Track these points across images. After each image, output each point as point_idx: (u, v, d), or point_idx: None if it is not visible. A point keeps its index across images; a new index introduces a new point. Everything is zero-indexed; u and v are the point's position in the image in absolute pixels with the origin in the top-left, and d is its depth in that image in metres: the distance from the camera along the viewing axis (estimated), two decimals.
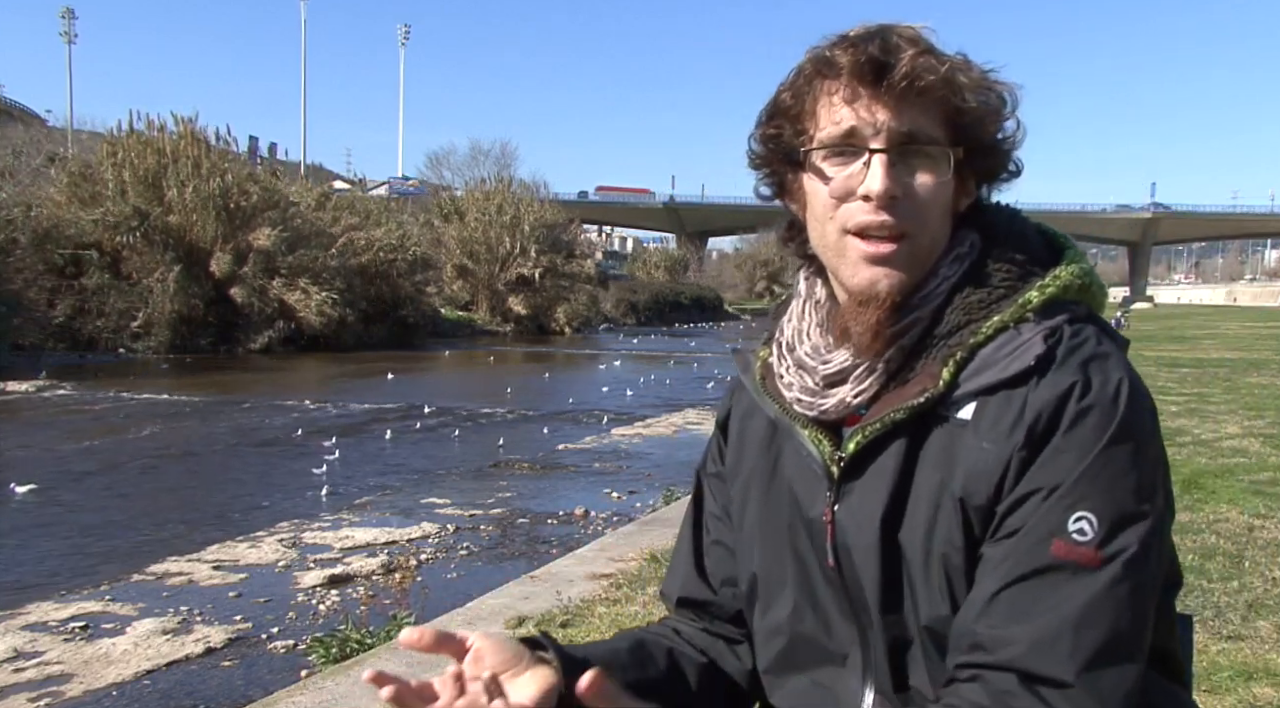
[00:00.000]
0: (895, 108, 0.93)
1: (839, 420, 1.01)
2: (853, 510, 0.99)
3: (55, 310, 24.61)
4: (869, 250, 0.95)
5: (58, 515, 8.95)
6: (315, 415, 15.62)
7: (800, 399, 1.03)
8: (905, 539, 0.96)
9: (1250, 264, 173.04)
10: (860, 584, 0.98)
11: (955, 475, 0.93)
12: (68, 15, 70.86)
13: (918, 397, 0.95)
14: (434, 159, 63.24)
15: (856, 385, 0.99)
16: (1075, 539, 0.87)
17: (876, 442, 0.97)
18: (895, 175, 0.94)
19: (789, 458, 1.06)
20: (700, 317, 57.28)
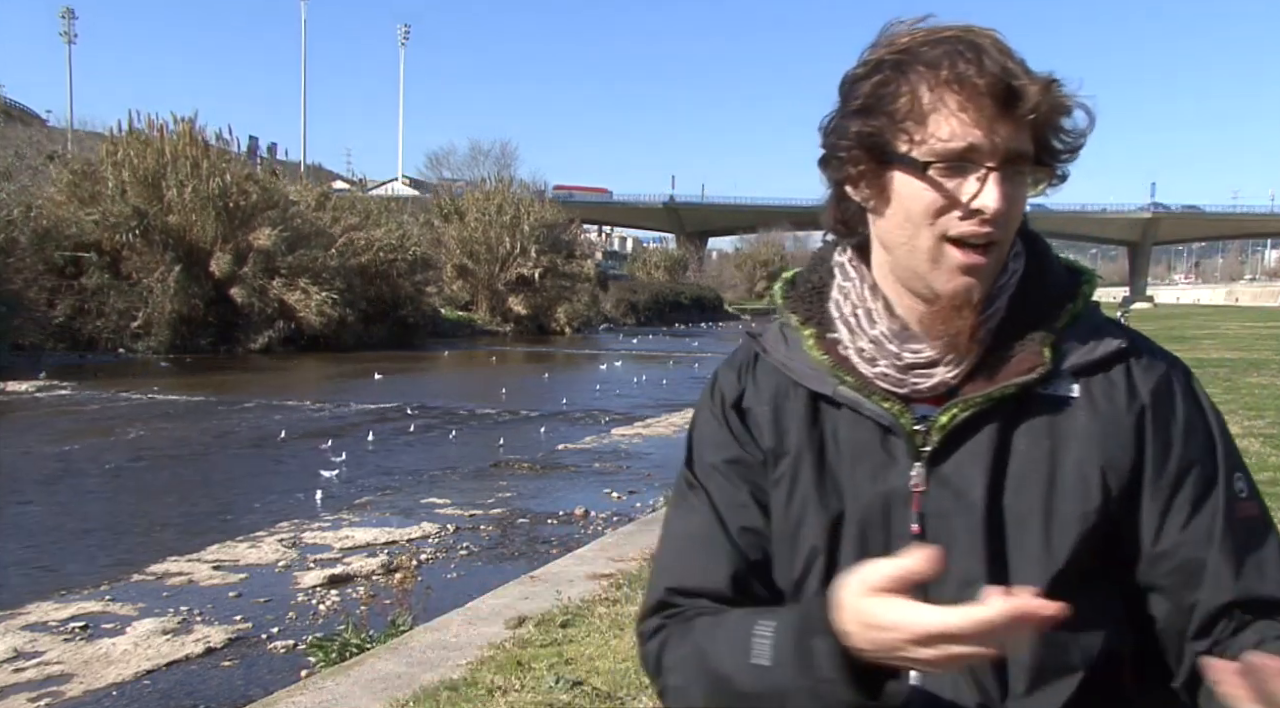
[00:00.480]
0: (1014, 130, 0.98)
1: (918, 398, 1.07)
2: (947, 479, 1.04)
3: (55, 310, 24.60)
4: (966, 261, 1.01)
5: (58, 515, 8.95)
6: (315, 415, 15.63)
7: (887, 374, 1.06)
8: (1012, 505, 1.02)
9: (1250, 264, 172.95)
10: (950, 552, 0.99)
11: (1075, 447, 1.03)
12: (68, 15, 70.82)
13: (1028, 373, 1.03)
14: (434, 159, 63.20)
15: (954, 367, 1.05)
16: (1242, 498, 1.05)
17: (975, 415, 1.04)
18: (1006, 191, 0.99)
19: (842, 434, 1.09)
20: (700, 317, 57.27)
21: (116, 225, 26.16)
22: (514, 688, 3.70)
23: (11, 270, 22.50)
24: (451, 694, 3.67)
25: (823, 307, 1.13)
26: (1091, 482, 1.02)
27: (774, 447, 1.11)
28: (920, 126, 0.98)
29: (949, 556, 0.99)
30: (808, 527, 1.08)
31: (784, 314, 1.17)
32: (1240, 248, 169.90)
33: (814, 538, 1.08)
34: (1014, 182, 1.00)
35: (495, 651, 4.18)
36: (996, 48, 0.99)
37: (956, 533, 1.02)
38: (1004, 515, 1.02)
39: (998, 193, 0.97)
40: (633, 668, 3.87)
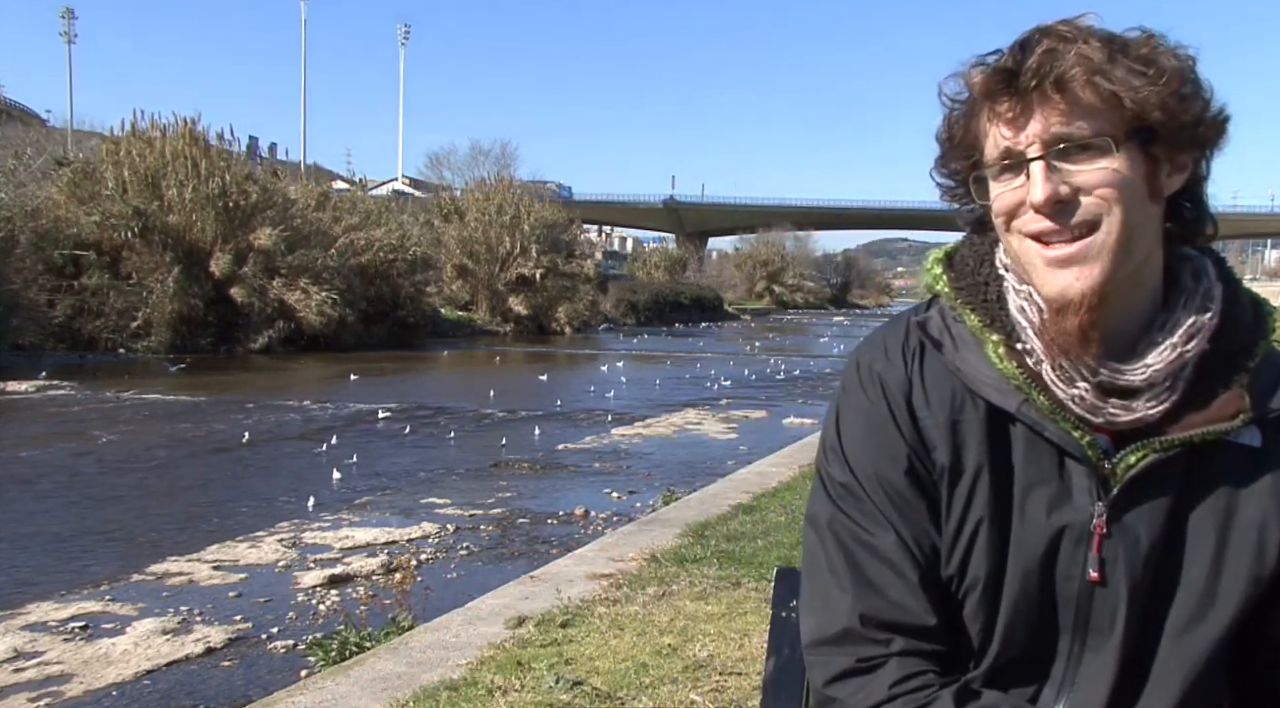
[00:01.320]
0: (1039, 112, 0.93)
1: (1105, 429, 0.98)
2: (1124, 525, 0.97)
3: (55, 310, 24.57)
4: (1050, 255, 0.94)
5: (58, 515, 8.95)
6: (315, 415, 15.62)
7: (1083, 399, 0.96)
8: (1185, 562, 0.97)
9: (1250, 264, 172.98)
10: (1118, 599, 0.97)
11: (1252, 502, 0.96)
12: (68, 15, 70.78)
13: (1231, 419, 0.95)
14: (434, 159, 63.07)
15: (1157, 402, 0.96)
16: None
17: (1165, 458, 0.96)
18: (1057, 178, 0.93)
19: (1019, 455, 1.00)
20: (700, 317, 57.19)
21: (116, 225, 26.14)
22: (514, 688, 3.70)
23: (12, 270, 22.48)
24: (451, 694, 3.67)
25: (1004, 310, 1.02)
26: (1269, 543, 0.96)
27: (951, 464, 1.01)
28: (979, 147, 0.98)
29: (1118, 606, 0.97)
30: (976, 558, 1.00)
31: (955, 308, 1.05)
32: (1240, 248, 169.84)
33: (979, 570, 1.00)
34: (1076, 162, 0.92)
35: (495, 651, 4.18)
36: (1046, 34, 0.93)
37: (1132, 585, 0.97)
38: (1177, 570, 0.97)
39: (1041, 182, 0.93)
40: (633, 668, 3.87)
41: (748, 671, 3.81)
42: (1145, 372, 0.96)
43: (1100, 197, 0.92)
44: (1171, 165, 0.95)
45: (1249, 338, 0.98)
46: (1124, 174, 0.92)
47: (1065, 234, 0.93)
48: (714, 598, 4.85)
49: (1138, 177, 0.93)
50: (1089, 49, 0.91)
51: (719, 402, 18.20)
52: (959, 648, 1.02)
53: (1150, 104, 0.91)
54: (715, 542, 5.98)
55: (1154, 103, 0.91)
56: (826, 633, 1.02)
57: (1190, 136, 0.94)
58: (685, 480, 10.25)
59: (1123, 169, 0.92)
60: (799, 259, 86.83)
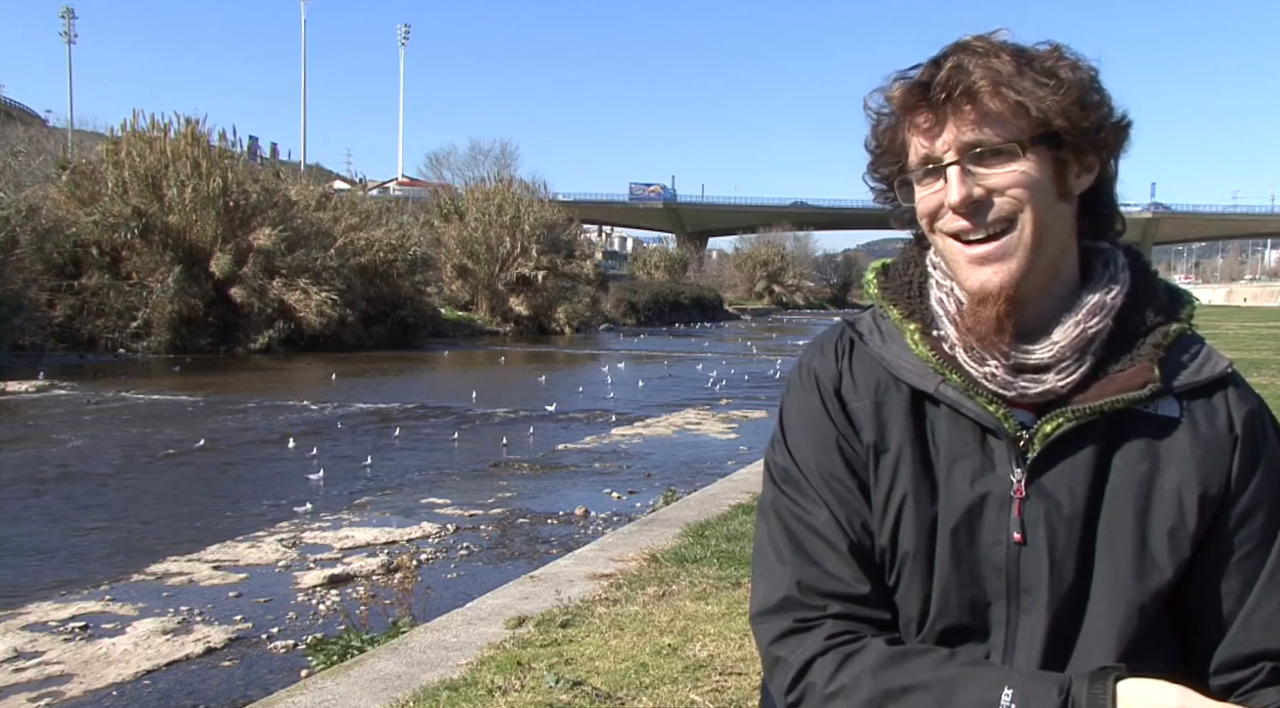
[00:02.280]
0: (952, 121, 1.01)
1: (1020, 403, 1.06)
2: (1046, 488, 1.03)
3: (55, 310, 24.58)
4: (971, 253, 1.03)
5: (58, 515, 8.95)
6: (315, 415, 15.62)
7: (995, 376, 1.05)
8: (1106, 522, 1.03)
9: (1250, 264, 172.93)
10: (1042, 561, 1.03)
11: (1174, 468, 1.03)
12: (68, 15, 70.87)
13: (1139, 389, 1.03)
14: (434, 159, 63.12)
15: (1065, 375, 1.04)
16: None
17: (1077, 427, 1.03)
18: (971, 182, 1.01)
19: (940, 432, 1.08)
20: (700, 317, 57.19)
21: (116, 225, 26.14)
22: (514, 688, 3.70)
23: (12, 270, 22.48)
24: (451, 694, 3.67)
25: (924, 303, 1.12)
26: (1188, 505, 1.02)
27: (876, 442, 1.09)
28: (904, 154, 1.07)
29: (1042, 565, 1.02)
30: (905, 529, 1.07)
31: (883, 306, 1.16)
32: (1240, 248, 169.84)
33: (909, 542, 1.07)
34: (989, 166, 1.00)
35: (495, 651, 4.18)
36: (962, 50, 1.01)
37: (1053, 544, 1.03)
38: (1098, 532, 1.03)
39: (955, 184, 1.01)
40: (633, 668, 3.87)
41: (748, 671, 3.81)
42: (1052, 348, 1.04)
43: (1012, 197, 1.01)
44: (1079, 166, 1.04)
45: (1158, 318, 1.07)
46: (1033, 176, 1.01)
47: (982, 232, 1.02)
48: (714, 598, 4.85)
49: (1046, 178, 1.02)
50: (997, 62, 0.99)
51: (719, 402, 18.20)
52: (894, 617, 1.09)
53: (1053, 112, 0.99)
54: (715, 542, 5.98)
55: (1056, 110, 0.99)
56: (769, 602, 1.10)
57: (1093, 141, 1.03)
58: (685, 480, 10.25)
59: (1031, 171, 1.01)
60: (799, 259, 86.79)
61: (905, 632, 1.08)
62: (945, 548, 1.05)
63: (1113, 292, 1.06)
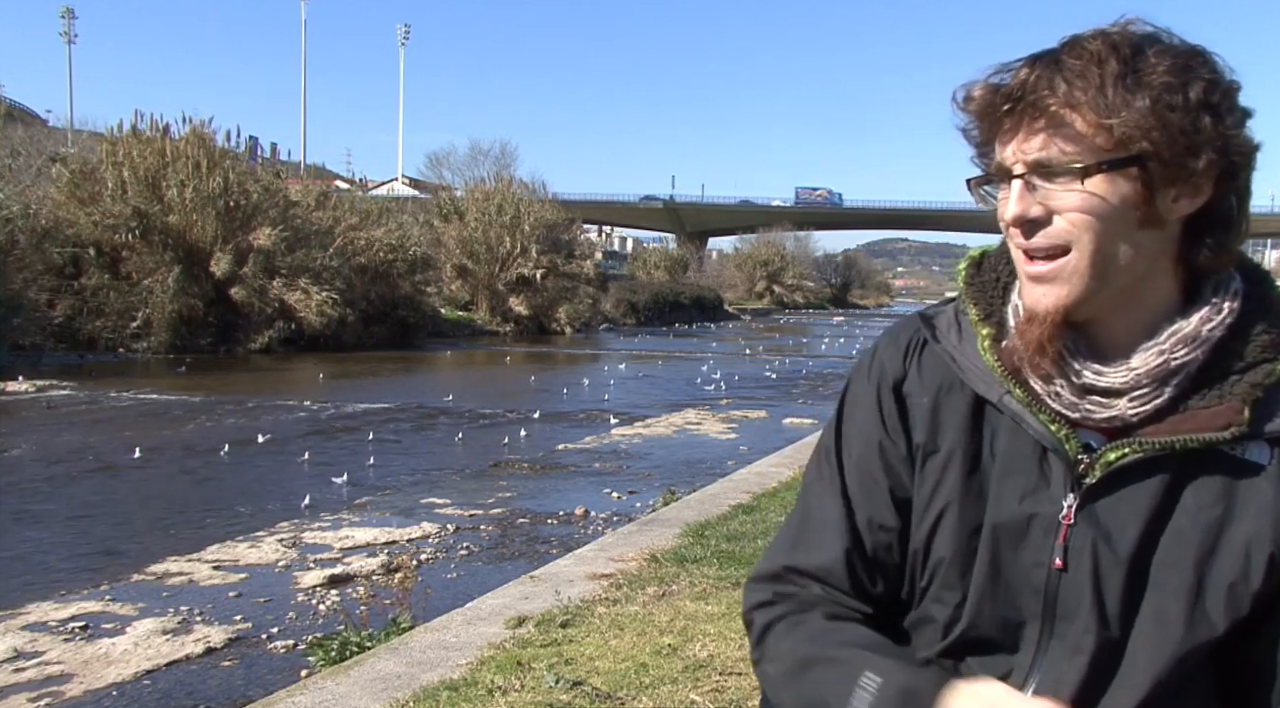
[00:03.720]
0: (1023, 132, 0.95)
1: (1089, 426, 1.00)
2: (1100, 519, 0.98)
3: (55, 310, 24.57)
4: (1029, 270, 0.98)
5: (58, 515, 8.95)
6: (315, 415, 15.62)
7: (1060, 395, 0.99)
8: (1162, 563, 0.97)
9: None
10: (1083, 592, 0.98)
11: (1250, 519, 0.95)
12: (68, 15, 70.86)
13: (1221, 430, 0.95)
14: (434, 159, 62.99)
15: (1138, 404, 0.97)
16: None
17: (1145, 460, 0.97)
18: (1031, 199, 0.95)
19: (1000, 445, 1.03)
20: (700, 317, 57.16)
21: (116, 225, 26.13)
22: (514, 688, 3.70)
23: (11, 270, 22.48)
24: (451, 694, 3.67)
25: (1004, 306, 1.07)
26: (1256, 561, 0.95)
27: (925, 443, 1.06)
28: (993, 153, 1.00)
29: (1083, 595, 0.98)
30: (943, 535, 1.05)
31: (964, 302, 1.10)
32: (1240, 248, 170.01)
33: (946, 548, 1.04)
34: (1056, 185, 0.93)
35: (495, 651, 4.18)
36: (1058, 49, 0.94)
37: (1097, 577, 0.98)
38: (1150, 573, 0.97)
39: (1013, 200, 0.95)
40: (633, 668, 3.88)
41: (748, 671, 3.80)
42: (1128, 374, 0.97)
43: (1070, 221, 0.94)
44: (1177, 190, 0.94)
45: (1266, 354, 0.97)
46: (1100, 200, 0.93)
47: (1038, 251, 0.96)
48: (714, 598, 4.85)
49: (1121, 203, 0.93)
50: (1094, 71, 0.91)
51: (719, 402, 18.20)
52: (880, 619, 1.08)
53: (1136, 134, 0.90)
54: (715, 542, 5.98)
55: (1140, 133, 0.90)
56: (762, 571, 1.13)
57: (1184, 168, 0.92)
58: (685, 480, 10.25)
59: (1100, 194, 0.93)
60: (799, 259, 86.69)
61: (933, 637, 1.07)
62: (984, 561, 1.02)
63: (1212, 323, 0.97)
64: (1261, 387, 0.96)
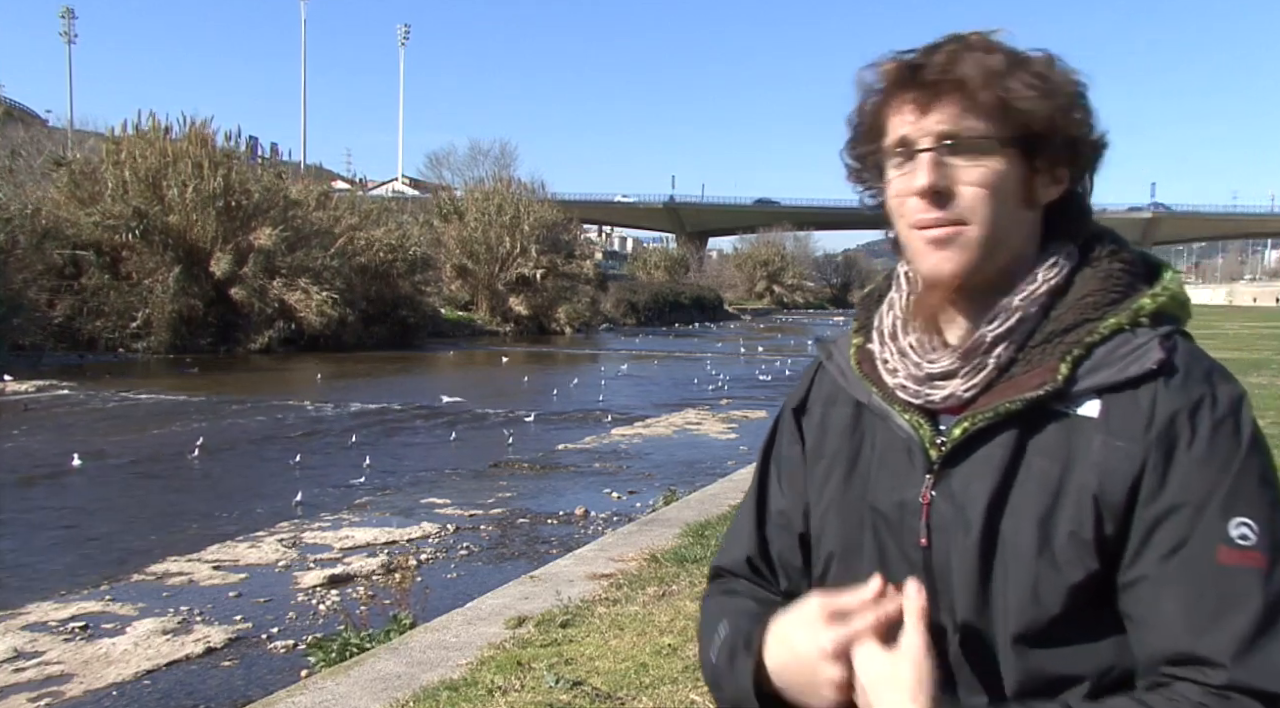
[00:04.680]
0: (936, 108, 1.01)
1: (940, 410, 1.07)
2: (953, 493, 1.03)
3: (55, 310, 24.58)
4: (928, 236, 1.03)
5: (58, 515, 8.95)
6: (315, 415, 15.62)
7: (905, 386, 1.08)
8: (1010, 525, 1.00)
9: (1250, 264, 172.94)
10: (949, 565, 1.03)
11: (1082, 470, 0.99)
12: (68, 15, 70.92)
13: (1036, 389, 1.00)
14: (434, 159, 63.04)
15: (968, 379, 1.04)
16: (1240, 544, 0.95)
17: (984, 430, 1.02)
18: (941, 171, 1.00)
19: (878, 442, 1.11)
20: (700, 317, 57.17)
21: (116, 225, 26.13)
22: (514, 688, 3.71)
23: (12, 270, 22.48)
24: (451, 694, 3.67)
25: (872, 315, 1.17)
26: (1086, 509, 0.97)
27: (814, 450, 1.17)
28: (883, 135, 1.06)
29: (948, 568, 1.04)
30: (829, 532, 1.13)
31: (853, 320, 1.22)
32: (1240, 248, 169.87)
33: (832, 543, 1.12)
34: (961, 160, 1.00)
35: (495, 651, 4.18)
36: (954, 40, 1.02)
37: (956, 547, 1.02)
38: (1001, 533, 1.00)
39: (925, 171, 1.01)
40: (633, 668, 3.88)
41: None
42: (953, 355, 1.05)
43: (976, 193, 1.00)
44: (1049, 177, 1.03)
45: (1093, 314, 1.02)
46: (1000, 176, 1.00)
47: (939, 222, 1.02)
48: None
49: (1014, 181, 1.01)
50: (991, 59, 0.99)
51: (719, 402, 18.20)
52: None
53: (1037, 115, 0.99)
54: (715, 542, 5.98)
55: (1040, 115, 0.99)
56: (711, 568, 1.29)
57: (1069, 152, 1.02)
58: (685, 480, 10.25)
59: (1001, 171, 1.00)
60: (799, 259, 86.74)
61: None
62: (870, 550, 1.09)
63: (1024, 294, 1.04)
64: (1081, 344, 1.01)
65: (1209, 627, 0.93)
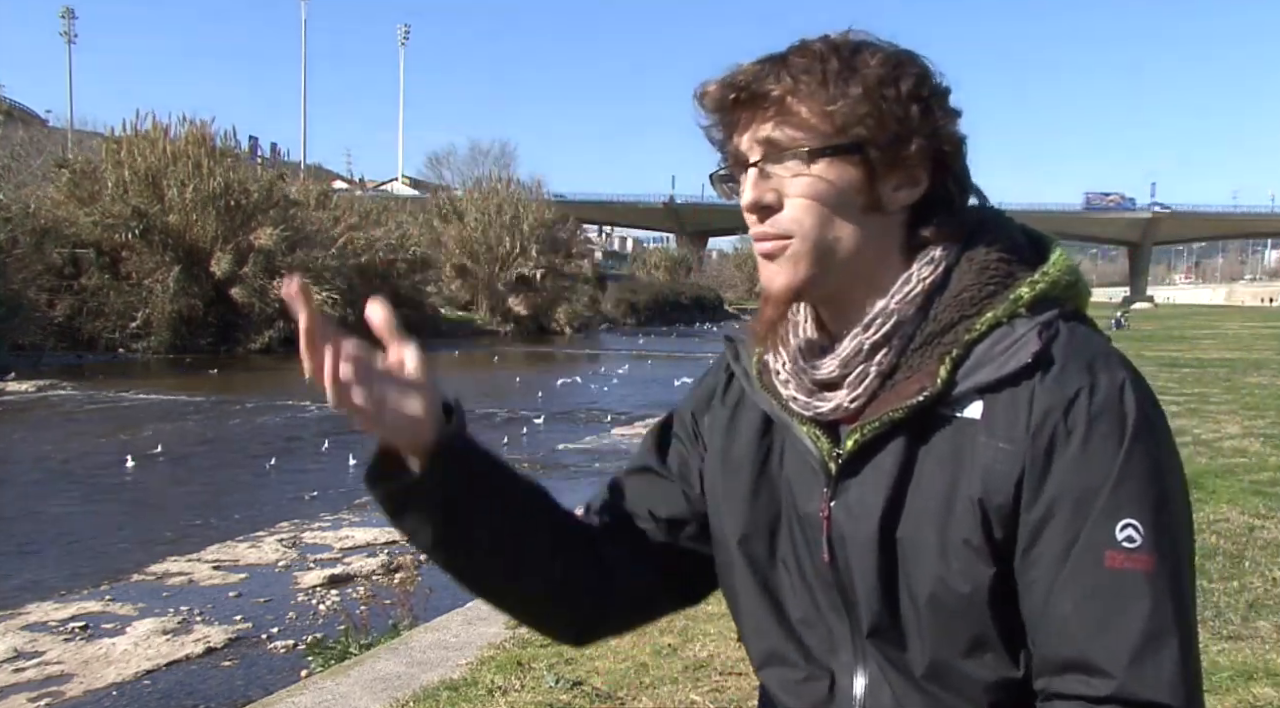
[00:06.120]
0: (755, 123, 0.99)
1: (836, 420, 1.02)
2: (850, 506, 1.00)
3: (55, 310, 24.59)
4: (760, 251, 1.01)
5: (58, 515, 8.95)
6: (315, 415, 15.62)
7: (796, 398, 1.04)
8: (906, 534, 0.97)
9: (1250, 264, 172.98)
10: (853, 578, 1.00)
11: (969, 474, 0.95)
12: (68, 15, 70.91)
13: (916, 396, 0.96)
14: (434, 159, 63.16)
15: (852, 390, 1.00)
16: (1126, 547, 0.90)
17: (875, 440, 0.98)
18: (764, 185, 0.99)
19: (786, 453, 1.07)
20: (700, 317, 57.21)
21: (116, 225, 26.14)
22: (514, 688, 3.71)
23: (11, 270, 22.49)
24: (451, 694, 3.68)
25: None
26: (974, 514, 0.94)
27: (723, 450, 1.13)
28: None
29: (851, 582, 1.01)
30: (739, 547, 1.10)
31: None
32: (1240, 248, 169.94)
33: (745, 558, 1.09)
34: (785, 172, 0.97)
35: (495, 651, 4.18)
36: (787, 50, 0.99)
37: (852, 562, 1.00)
38: (899, 542, 0.97)
39: (747, 187, 1.00)
40: (633, 668, 3.88)
41: (747, 671, 3.80)
42: (833, 362, 1.02)
43: (797, 204, 0.98)
44: (896, 179, 0.98)
45: (970, 310, 0.98)
46: (825, 184, 0.97)
47: (766, 236, 1.00)
48: (714, 598, 4.84)
49: (844, 187, 0.97)
50: (814, 66, 0.96)
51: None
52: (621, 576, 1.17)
53: (851, 120, 0.95)
54: None
55: (854, 119, 0.95)
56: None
57: (900, 154, 0.96)
58: None
59: (825, 179, 0.97)
60: None
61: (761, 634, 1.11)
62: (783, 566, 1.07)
63: (900, 296, 0.99)
64: (959, 344, 0.97)
65: (1098, 634, 0.90)
